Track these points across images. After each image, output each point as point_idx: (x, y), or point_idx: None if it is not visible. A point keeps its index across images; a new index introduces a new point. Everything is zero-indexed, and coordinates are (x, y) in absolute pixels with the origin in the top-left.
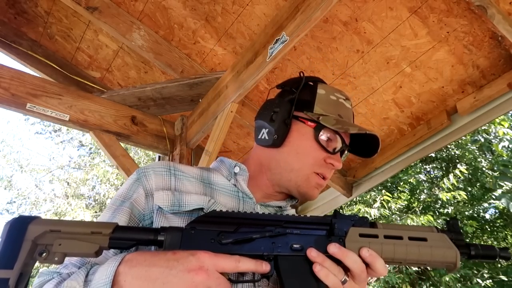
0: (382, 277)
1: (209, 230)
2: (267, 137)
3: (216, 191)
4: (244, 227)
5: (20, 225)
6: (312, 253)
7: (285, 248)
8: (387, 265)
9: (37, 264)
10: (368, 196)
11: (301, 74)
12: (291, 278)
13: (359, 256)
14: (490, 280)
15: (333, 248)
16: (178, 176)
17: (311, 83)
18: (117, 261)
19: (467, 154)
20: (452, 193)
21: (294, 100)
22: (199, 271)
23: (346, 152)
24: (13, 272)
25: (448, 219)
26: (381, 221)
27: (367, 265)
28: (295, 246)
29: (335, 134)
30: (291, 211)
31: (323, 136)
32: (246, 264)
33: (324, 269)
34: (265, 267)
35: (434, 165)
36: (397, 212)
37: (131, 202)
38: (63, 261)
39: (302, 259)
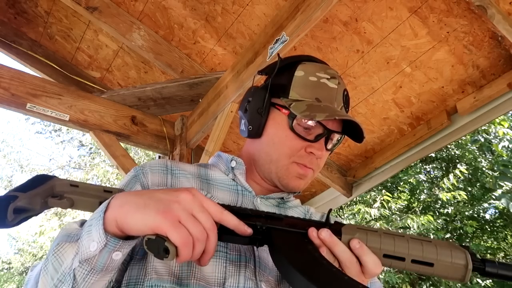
0: (378, 277)
1: None
2: (244, 128)
3: (213, 187)
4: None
5: (48, 175)
6: (314, 233)
7: (279, 225)
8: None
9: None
10: (368, 196)
11: (278, 57)
12: (284, 250)
13: (349, 247)
14: (490, 280)
15: (325, 234)
16: (175, 173)
17: (294, 64)
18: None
19: (467, 154)
20: (452, 193)
21: (268, 86)
22: (185, 190)
23: (338, 138)
24: (24, 195)
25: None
26: (381, 221)
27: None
28: (290, 226)
29: (313, 121)
30: (295, 202)
31: (298, 123)
32: (229, 217)
33: (328, 256)
34: (246, 229)
35: (434, 165)
36: (397, 212)
37: None
38: (69, 206)
39: (296, 233)
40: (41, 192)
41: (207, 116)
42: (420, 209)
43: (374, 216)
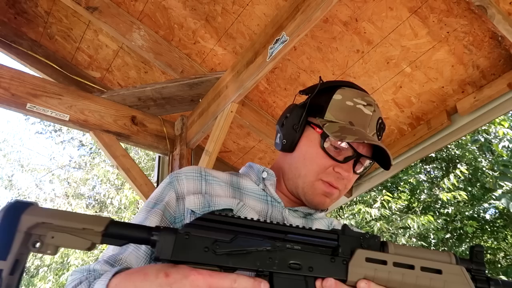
0: None
1: (204, 237)
2: (278, 142)
3: (245, 195)
4: (242, 236)
5: (13, 214)
6: (317, 283)
7: (282, 265)
8: None
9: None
10: (368, 196)
11: (320, 79)
12: None
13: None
14: None
15: (329, 284)
16: (209, 180)
17: (334, 88)
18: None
19: (467, 154)
20: (452, 193)
21: (306, 105)
22: None
23: (367, 162)
24: (7, 263)
25: (473, 245)
26: (381, 221)
27: None
28: (293, 264)
29: (345, 142)
30: (321, 214)
31: (329, 143)
32: (243, 284)
33: None
34: (263, 287)
35: (434, 165)
36: (397, 212)
37: (163, 204)
38: (56, 253)
39: (299, 278)
40: (21, 247)
41: (207, 116)
42: (420, 209)
43: (374, 216)
